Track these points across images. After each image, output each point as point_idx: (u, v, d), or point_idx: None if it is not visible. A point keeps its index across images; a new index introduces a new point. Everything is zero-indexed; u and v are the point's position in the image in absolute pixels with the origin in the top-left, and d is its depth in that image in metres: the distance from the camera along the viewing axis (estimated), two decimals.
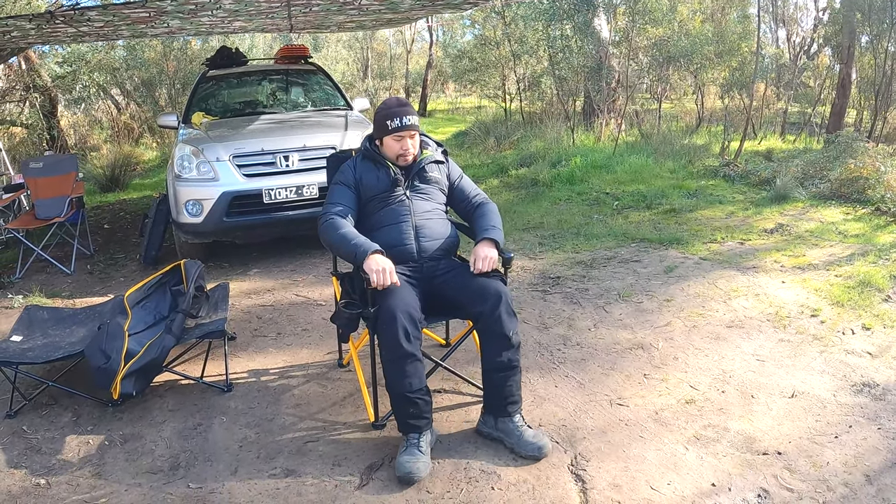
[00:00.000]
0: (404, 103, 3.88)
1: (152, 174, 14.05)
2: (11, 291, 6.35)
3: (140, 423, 3.98)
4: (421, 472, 3.29)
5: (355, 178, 3.88)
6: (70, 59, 15.21)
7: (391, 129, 3.77)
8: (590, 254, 6.58)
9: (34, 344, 4.36)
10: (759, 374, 4.16)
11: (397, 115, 3.76)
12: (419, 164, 3.88)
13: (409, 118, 3.77)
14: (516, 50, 15.63)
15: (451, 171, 4.07)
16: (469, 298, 3.59)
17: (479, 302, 3.53)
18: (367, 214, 3.88)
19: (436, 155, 3.98)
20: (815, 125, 14.36)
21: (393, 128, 3.76)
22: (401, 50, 33.64)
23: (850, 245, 6.35)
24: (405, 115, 3.77)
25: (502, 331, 3.46)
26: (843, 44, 13.25)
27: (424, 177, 3.91)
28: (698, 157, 10.96)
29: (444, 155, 4.05)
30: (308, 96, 8.99)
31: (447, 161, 4.06)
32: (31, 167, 7.82)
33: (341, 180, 3.91)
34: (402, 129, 3.76)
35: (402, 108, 3.81)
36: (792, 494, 3.07)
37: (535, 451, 3.43)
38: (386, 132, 3.80)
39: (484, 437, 3.63)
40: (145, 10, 5.59)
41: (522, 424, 3.54)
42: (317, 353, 4.77)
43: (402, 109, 3.79)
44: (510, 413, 3.54)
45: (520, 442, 3.46)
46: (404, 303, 3.41)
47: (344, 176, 3.91)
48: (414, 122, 3.79)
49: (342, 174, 3.93)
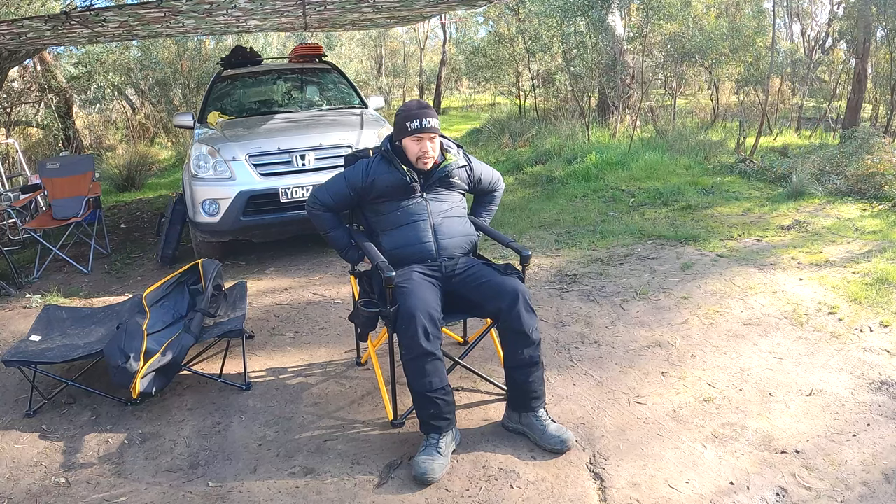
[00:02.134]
0: (425, 106, 3.89)
1: (168, 174, 14.11)
2: (29, 291, 6.39)
3: (159, 421, 4.00)
4: (436, 474, 3.29)
5: (365, 179, 3.89)
6: (85, 60, 15.30)
7: (410, 131, 3.78)
8: (606, 251, 6.57)
9: (53, 343, 4.38)
10: (777, 371, 4.14)
11: (417, 118, 3.77)
12: (442, 170, 3.89)
13: (429, 121, 3.78)
14: (530, 46, 15.61)
15: (474, 171, 4.12)
16: (487, 296, 3.59)
17: (497, 299, 3.53)
18: (382, 213, 3.89)
19: (460, 160, 3.99)
20: (830, 120, 14.27)
21: (413, 129, 3.77)
22: (414, 47, 33.60)
23: (868, 241, 6.32)
24: (425, 118, 3.77)
25: (521, 328, 3.47)
26: (859, 38, 13.15)
27: (448, 182, 3.93)
28: (714, 154, 10.92)
29: (465, 157, 4.07)
30: (323, 95, 9.00)
31: (469, 162, 4.08)
32: (48, 167, 7.86)
33: (348, 177, 3.97)
34: (421, 130, 3.76)
35: (423, 110, 3.82)
36: (810, 493, 3.06)
37: (558, 444, 3.44)
38: (406, 134, 3.80)
39: (510, 431, 3.64)
40: (160, 9, 5.60)
41: (546, 418, 3.55)
42: (335, 352, 4.78)
43: (423, 112, 3.80)
44: (533, 408, 3.55)
45: (543, 436, 3.47)
46: (424, 302, 3.42)
47: (353, 174, 3.96)
48: (434, 124, 3.80)
49: (353, 171, 3.97)
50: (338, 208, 4.02)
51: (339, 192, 3.94)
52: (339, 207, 4.02)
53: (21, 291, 6.44)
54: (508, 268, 3.71)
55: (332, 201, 3.95)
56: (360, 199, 3.95)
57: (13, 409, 4.22)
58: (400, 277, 3.56)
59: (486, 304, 3.62)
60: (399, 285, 3.50)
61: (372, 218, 3.99)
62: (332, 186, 3.97)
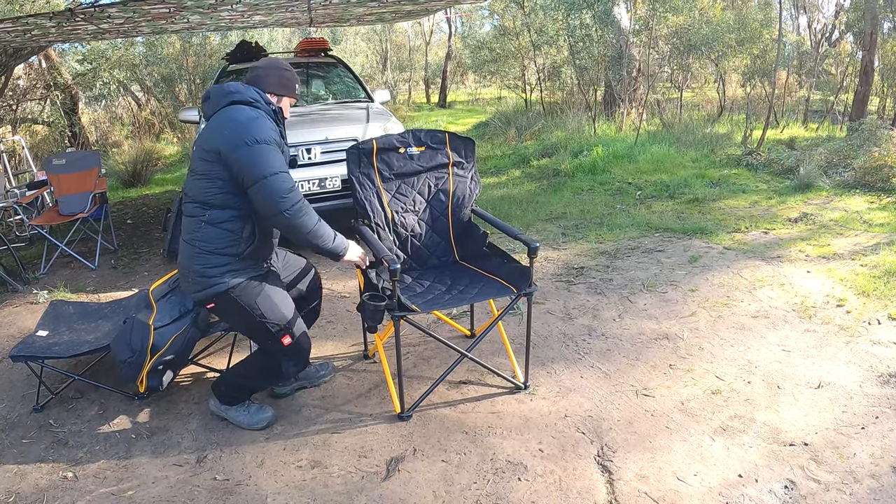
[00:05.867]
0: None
1: (174, 169, 14.12)
2: (36, 287, 6.40)
3: (166, 415, 4.01)
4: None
5: (282, 142, 3.69)
6: (90, 57, 15.28)
7: (298, 92, 3.80)
8: (613, 244, 6.56)
9: (60, 338, 4.38)
10: (785, 364, 4.13)
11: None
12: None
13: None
14: (536, 40, 15.57)
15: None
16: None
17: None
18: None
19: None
20: (837, 113, 14.22)
21: (299, 92, 3.81)
22: (420, 42, 33.53)
23: (876, 234, 6.29)
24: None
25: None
26: (866, 30, 13.06)
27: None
28: (721, 146, 10.89)
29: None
30: (329, 89, 9.00)
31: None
32: (54, 164, 7.86)
33: (274, 148, 3.48)
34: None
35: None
36: (819, 486, 3.05)
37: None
38: (292, 93, 3.79)
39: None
40: (165, 5, 5.59)
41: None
42: (342, 345, 4.78)
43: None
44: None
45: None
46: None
47: (273, 138, 3.54)
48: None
49: (271, 137, 3.48)
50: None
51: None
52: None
53: (28, 287, 6.45)
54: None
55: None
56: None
57: (21, 403, 4.23)
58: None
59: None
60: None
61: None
62: (282, 164, 3.45)
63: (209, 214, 3.45)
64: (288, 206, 3.34)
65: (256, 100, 3.53)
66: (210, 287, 3.51)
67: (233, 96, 3.50)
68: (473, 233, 4.35)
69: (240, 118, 3.39)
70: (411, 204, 4.31)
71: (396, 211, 4.27)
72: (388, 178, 4.27)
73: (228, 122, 3.40)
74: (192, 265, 3.52)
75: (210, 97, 3.59)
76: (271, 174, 3.31)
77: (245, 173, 3.32)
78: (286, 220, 3.37)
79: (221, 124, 3.42)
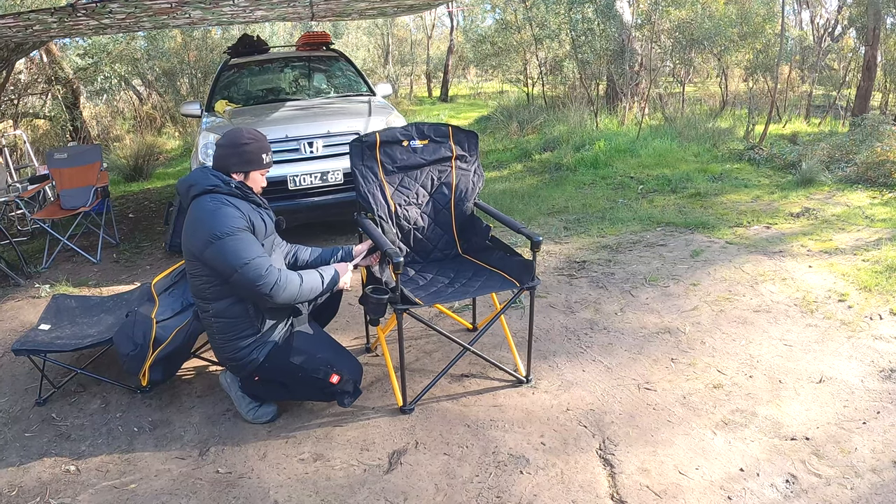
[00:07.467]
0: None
1: (176, 163, 14.11)
2: (38, 281, 6.40)
3: (169, 409, 4.01)
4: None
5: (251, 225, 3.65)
6: (91, 51, 15.26)
7: (266, 164, 3.72)
8: (615, 238, 6.56)
9: (62, 332, 4.39)
10: (787, 359, 4.13)
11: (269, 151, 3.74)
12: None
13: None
14: (538, 34, 15.54)
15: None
16: None
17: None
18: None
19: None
20: (840, 108, 14.19)
21: (267, 163, 3.73)
22: (421, 35, 33.53)
23: (878, 229, 6.29)
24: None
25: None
26: (869, 25, 13.04)
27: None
28: (723, 141, 10.88)
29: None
30: (331, 82, 8.99)
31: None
32: (56, 158, 7.85)
33: (245, 232, 3.48)
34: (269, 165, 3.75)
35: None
36: (820, 480, 3.05)
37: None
38: (261, 166, 3.72)
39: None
40: (167, 0, 5.59)
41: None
42: (344, 338, 4.78)
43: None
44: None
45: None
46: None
47: (242, 226, 3.49)
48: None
49: (239, 224, 3.45)
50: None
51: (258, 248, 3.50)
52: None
53: (30, 281, 6.45)
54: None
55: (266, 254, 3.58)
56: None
57: (23, 397, 4.24)
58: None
59: None
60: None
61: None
62: (249, 250, 3.40)
63: (213, 308, 3.56)
64: (267, 290, 3.37)
65: (217, 185, 3.50)
66: (245, 368, 3.64)
67: (193, 190, 3.52)
68: (476, 226, 4.35)
69: (202, 216, 3.43)
70: (414, 197, 4.32)
71: (399, 204, 4.27)
72: (392, 171, 4.28)
73: (193, 223, 3.46)
74: (222, 356, 3.72)
75: (179, 192, 3.66)
76: (241, 266, 3.34)
77: (220, 269, 3.39)
78: (272, 300, 3.42)
79: (189, 224, 3.49)
